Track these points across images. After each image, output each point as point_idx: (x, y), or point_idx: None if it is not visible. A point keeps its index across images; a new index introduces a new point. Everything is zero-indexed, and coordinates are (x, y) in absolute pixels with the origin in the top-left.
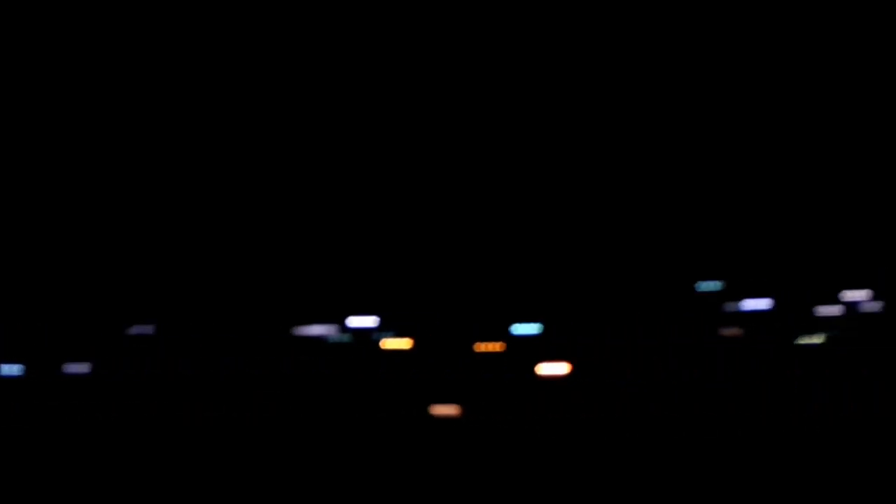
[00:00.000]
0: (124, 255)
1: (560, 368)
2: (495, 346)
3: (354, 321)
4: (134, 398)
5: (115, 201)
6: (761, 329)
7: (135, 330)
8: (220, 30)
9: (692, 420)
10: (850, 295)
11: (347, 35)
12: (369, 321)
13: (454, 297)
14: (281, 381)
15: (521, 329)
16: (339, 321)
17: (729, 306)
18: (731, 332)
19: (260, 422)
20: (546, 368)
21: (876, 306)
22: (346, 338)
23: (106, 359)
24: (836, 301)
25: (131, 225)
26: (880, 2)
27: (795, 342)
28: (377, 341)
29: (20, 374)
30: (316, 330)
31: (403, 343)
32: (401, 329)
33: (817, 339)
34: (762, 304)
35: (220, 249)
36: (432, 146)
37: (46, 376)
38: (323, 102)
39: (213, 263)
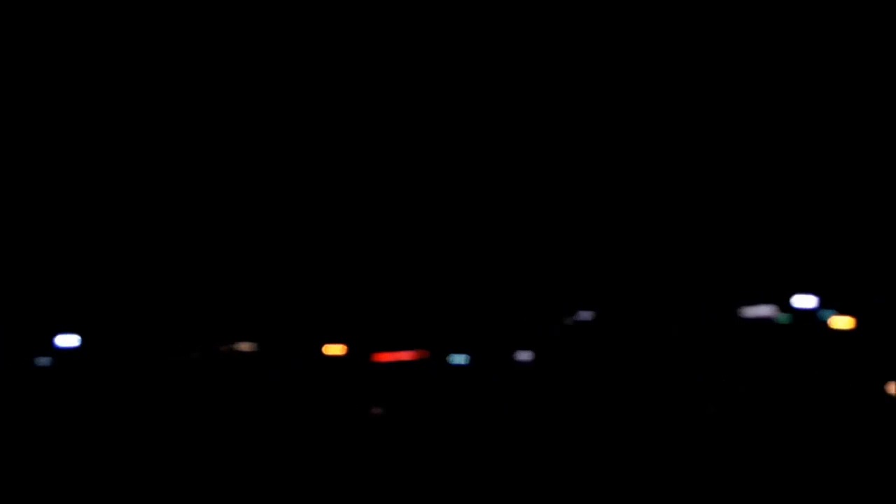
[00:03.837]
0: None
1: None
2: None
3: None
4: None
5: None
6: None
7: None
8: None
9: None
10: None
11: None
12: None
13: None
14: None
15: None
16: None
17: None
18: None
19: None
20: None
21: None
22: (787, 318)
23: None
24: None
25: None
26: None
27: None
28: (822, 320)
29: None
30: (762, 311)
31: (846, 322)
32: (843, 307)
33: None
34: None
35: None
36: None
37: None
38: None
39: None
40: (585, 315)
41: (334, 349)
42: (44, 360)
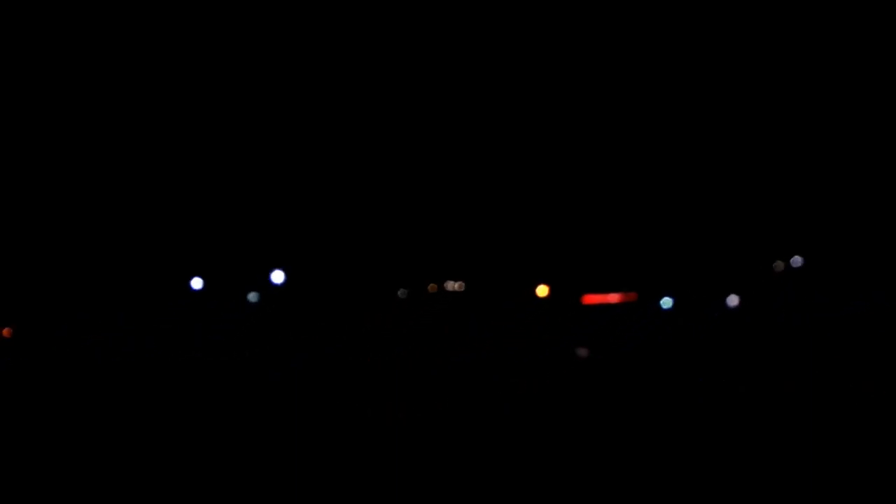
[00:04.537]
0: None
1: None
2: None
3: None
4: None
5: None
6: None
7: None
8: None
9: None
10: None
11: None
12: None
13: None
14: None
15: None
16: None
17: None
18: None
19: None
20: None
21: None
22: None
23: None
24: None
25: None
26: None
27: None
28: None
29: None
30: None
31: None
32: None
33: None
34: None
35: None
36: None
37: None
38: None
39: None
40: (797, 261)
41: (541, 290)
42: (252, 296)
